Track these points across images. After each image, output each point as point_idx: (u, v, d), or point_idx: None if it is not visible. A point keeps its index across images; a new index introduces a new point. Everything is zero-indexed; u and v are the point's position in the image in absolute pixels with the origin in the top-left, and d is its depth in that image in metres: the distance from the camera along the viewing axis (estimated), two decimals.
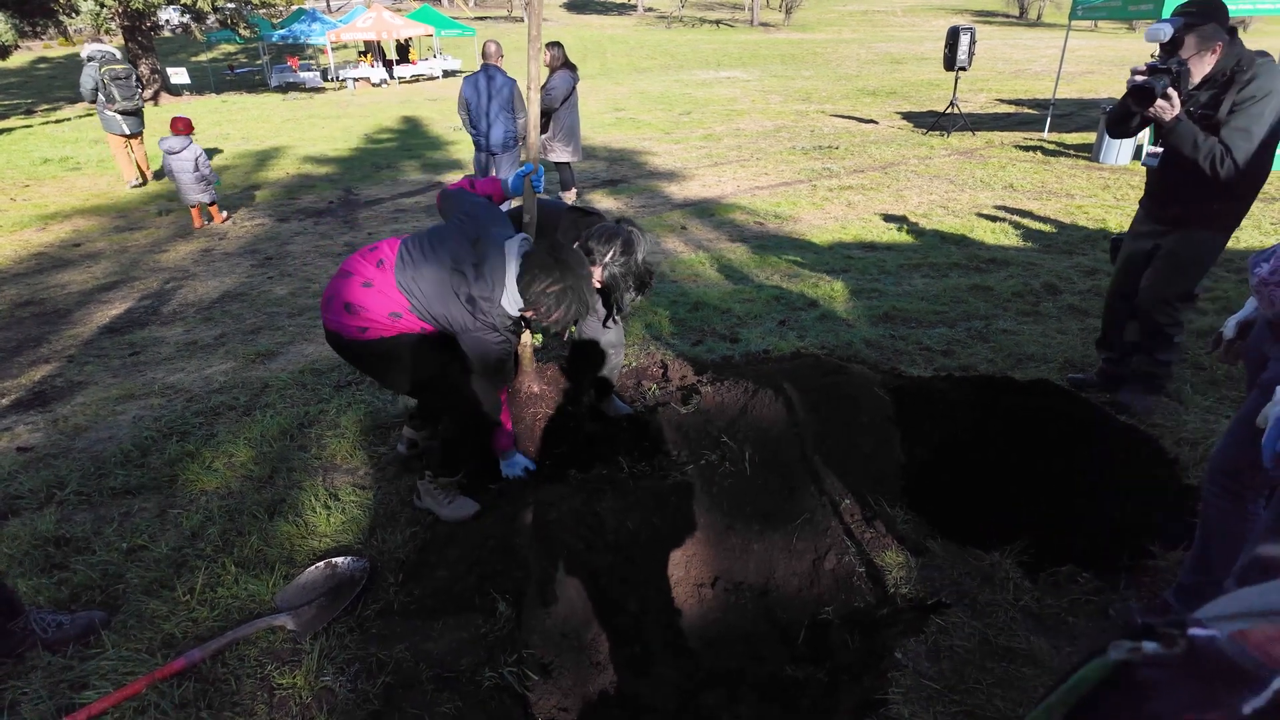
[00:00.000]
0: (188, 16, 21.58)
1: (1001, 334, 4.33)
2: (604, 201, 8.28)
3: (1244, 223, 6.44)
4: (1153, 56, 2.80)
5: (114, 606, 2.34)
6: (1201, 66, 2.82)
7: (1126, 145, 9.14)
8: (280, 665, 2.12)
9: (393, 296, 2.40)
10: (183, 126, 7.19)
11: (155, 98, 19.44)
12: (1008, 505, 2.62)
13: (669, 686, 2.31)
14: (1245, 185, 2.88)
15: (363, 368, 2.67)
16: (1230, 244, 5.88)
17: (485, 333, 2.42)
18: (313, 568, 2.42)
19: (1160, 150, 3.10)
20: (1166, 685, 0.54)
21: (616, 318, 3.13)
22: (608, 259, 2.74)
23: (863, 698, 2.05)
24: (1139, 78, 2.77)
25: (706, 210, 7.72)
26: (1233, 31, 2.79)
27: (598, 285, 2.76)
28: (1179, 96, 2.76)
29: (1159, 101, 2.76)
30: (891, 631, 2.26)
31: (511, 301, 2.40)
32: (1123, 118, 3.11)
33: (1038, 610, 2.25)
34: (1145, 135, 9.23)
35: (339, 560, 2.45)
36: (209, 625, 2.26)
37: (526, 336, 3.23)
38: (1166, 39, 2.78)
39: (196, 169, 7.16)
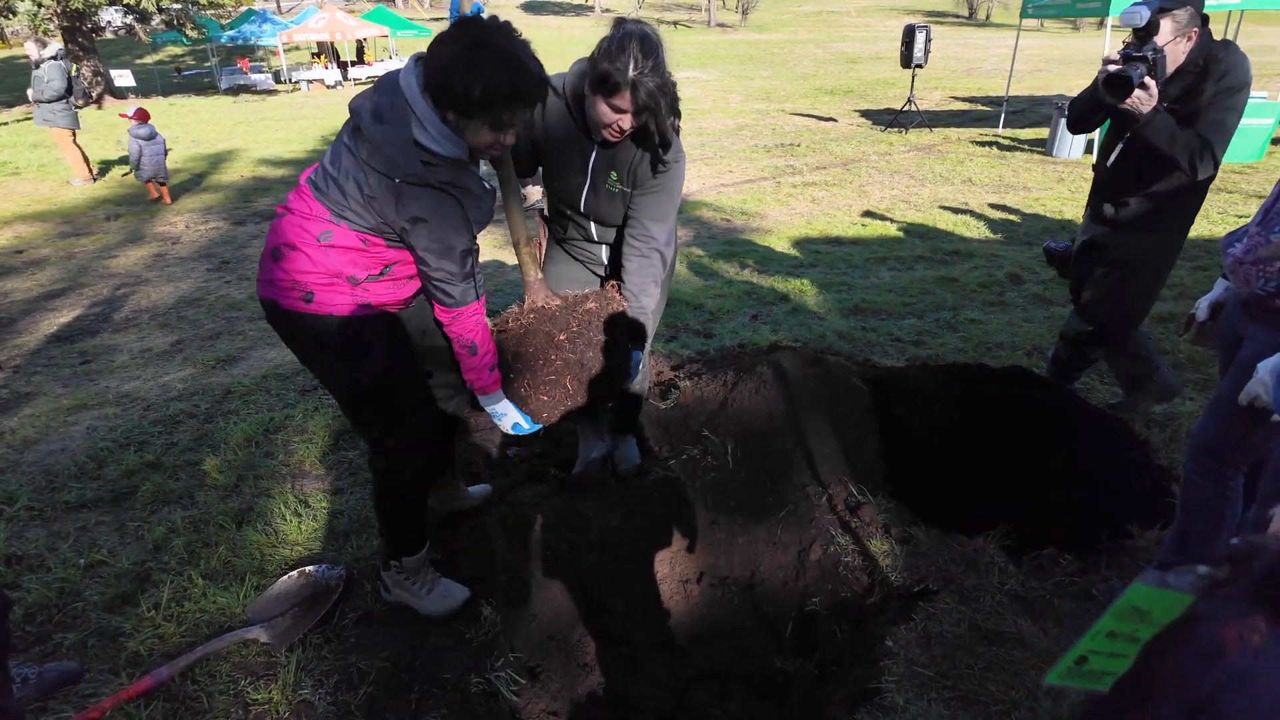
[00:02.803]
0: (131, 17, 20.91)
1: (969, 323, 4.38)
2: None
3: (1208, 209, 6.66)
4: (1125, 43, 2.60)
5: (74, 625, 2.22)
6: (1176, 55, 2.61)
7: (1079, 140, 9.37)
8: (254, 680, 2.03)
9: (314, 210, 1.78)
10: (146, 115, 8.37)
11: (99, 101, 18.78)
12: (988, 491, 2.64)
13: (658, 685, 2.28)
14: (1206, 181, 2.71)
15: (306, 355, 1.97)
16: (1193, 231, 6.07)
17: (414, 197, 1.69)
18: (285, 577, 2.33)
19: (1120, 146, 2.82)
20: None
21: (663, 163, 2.10)
22: (633, 73, 1.83)
23: (855, 688, 2.04)
24: (1113, 67, 2.55)
25: None
26: (1204, 20, 2.63)
27: (623, 123, 1.94)
28: (1156, 86, 2.53)
29: (1136, 91, 2.51)
30: (880, 620, 2.26)
31: (429, 126, 1.66)
32: (1089, 111, 2.86)
33: (1023, 593, 2.26)
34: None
35: (313, 569, 2.36)
36: (177, 641, 2.15)
37: (518, 220, 2.11)
38: (1143, 22, 2.56)
39: (164, 152, 8.49)
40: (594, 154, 2.12)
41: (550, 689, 2.18)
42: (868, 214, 7.18)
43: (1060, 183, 8.20)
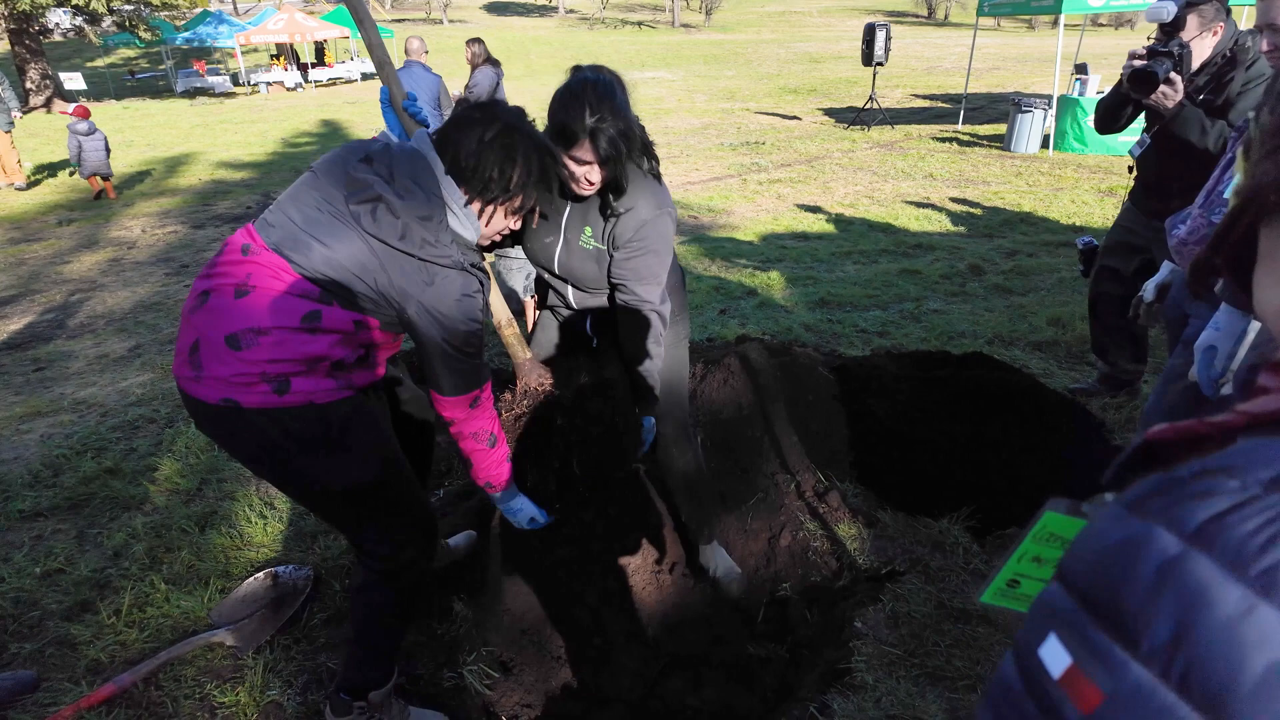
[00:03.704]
0: (81, 19, 20.37)
1: (932, 314, 4.46)
2: None
3: None
4: (1149, 39, 2.57)
5: (31, 635, 2.16)
6: (1202, 49, 2.59)
7: (1035, 135, 9.60)
8: (221, 683, 1.99)
9: (292, 285, 1.48)
10: (86, 112, 8.64)
11: (48, 104, 18.26)
12: (952, 474, 2.69)
13: (632, 675, 2.28)
14: None
15: (272, 466, 1.60)
16: None
17: (448, 283, 1.54)
18: (251, 579, 2.29)
19: (1147, 140, 2.79)
20: None
21: (617, 208, 1.88)
22: (590, 120, 1.68)
23: (826, 669, 2.06)
24: (1138, 62, 2.51)
25: None
26: (1228, 11, 2.64)
27: (591, 175, 1.77)
28: (1182, 81, 2.51)
29: (1161, 87, 2.48)
30: (849, 602, 2.29)
31: (456, 208, 1.57)
32: (1116, 107, 2.80)
33: (987, 572, 2.30)
34: (1052, 123, 9.73)
35: (280, 570, 2.32)
36: (139, 647, 2.11)
37: (498, 303, 2.10)
38: (1169, 18, 2.54)
39: (106, 148, 8.62)
40: (567, 210, 1.99)
41: (524, 682, 2.18)
42: (832, 209, 7.27)
43: (1018, 176, 8.39)
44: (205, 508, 2.73)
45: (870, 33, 11.71)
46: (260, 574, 2.31)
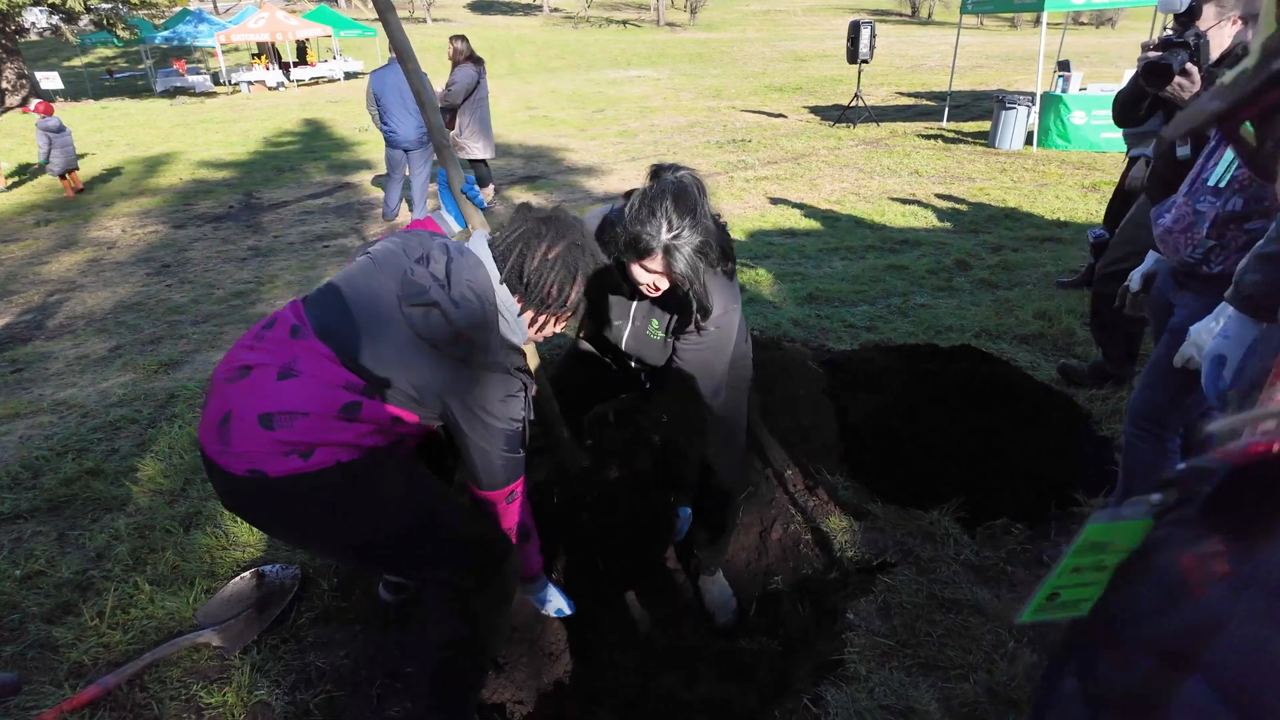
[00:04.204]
0: (57, 18, 20.09)
1: (919, 308, 4.48)
2: (524, 197, 8.14)
3: None
4: (1166, 29, 2.49)
5: (11, 638, 2.12)
6: (1221, 39, 2.49)
7: (1019, 132, 9.66)
8: (208, 683, 1.96)
9: (336, 374, 1.47)
10: (49, 109, 8.83)
11: (24, 104, 17.97)
12: (942, 466, 2.70)
13: (625, 671, 2.27)
14: None
15: (305, 531, 1.61)
16: None
17: (493, 386, 1.56)
18: (237, 579, 2.26)
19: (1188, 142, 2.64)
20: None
21: (701, 329, 1.84)
22: (666, 236, 1.61)
23: (819, 661, 2.06)
24: (1152, 54, 2.41)
25: None
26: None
27: (660, 283, 1.72)
28: (1199, 73, 2.38)
29: (1177, 79, 2.36)
30: (841, 594, 2.29)
31: (508, 315, 1.58)
32: (1133, 100, 2.75)
33: (978, 562, 2.32)
34: (1035, 120, 9.81)
35: (267, 569, 2.29)
36: (124, 649, 2.07)
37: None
38: (1183, 8, 2.47)
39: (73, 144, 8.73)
40: (635, 302, 1.97)
41: (516, 679, 2.16)
42: (819, 206, 7.29)
43: (1003, 173, 8.44)
44: (189, 508, 2.69)
45: (855, 30, 11.75)
46: (246, 573, 2.27)
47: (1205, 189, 1.96)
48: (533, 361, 1.96)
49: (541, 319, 1.65)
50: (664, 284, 1.74)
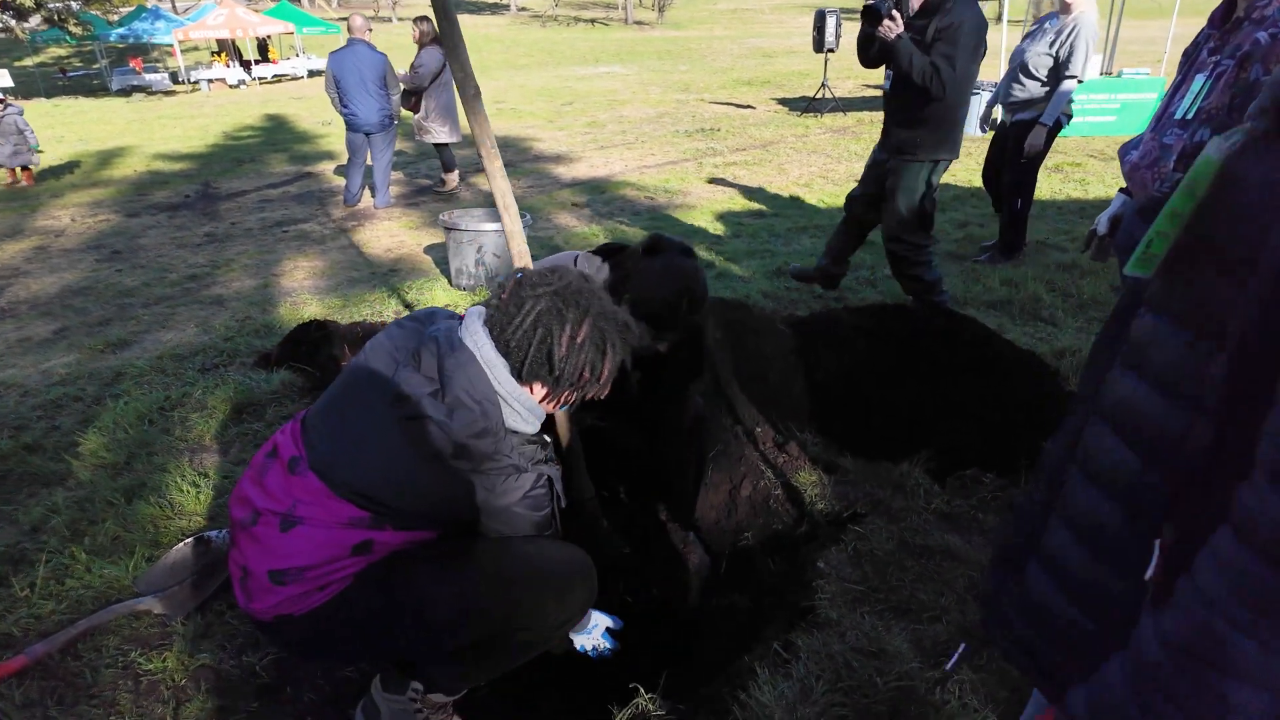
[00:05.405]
0: (7, 14, 19.50)
1: (888, 279, 4.45)
2: None
3: (1089, 178, 7.00)
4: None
5: None
6: None
7: (973, 116, 9.75)
8: (147, 650, 1.85)
9: (338, 513, 1.36)
10: None
11: None
12: (911, 419, 2.66)
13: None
14: (945, 113, 3.30)
15: (351, 648, 1.54)
16: (1079, 194, 6.35)
17: (512, 490, 1.44)
18: (180, 545, 2.14)
19: (892, 73, 3.39)
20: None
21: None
22: (690, 316, 1.80)
23: (790, 609, 2.01)
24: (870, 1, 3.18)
25: (597, 188, 7.64)
26: None
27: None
28: (902, 18, 3.16)
29: (885, 21, 3.12)
30: (812, 546, 2.24)
31: (518, 406, 1.44)
32: (864, 42, 3.44)
33: (949, 511, 2.28)
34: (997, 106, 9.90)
35: (212, 534, 2.18)
36: (56, 619, 1.95)
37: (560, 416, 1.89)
38: None
39: (18, 130, 8.47)
40: None
41: None
42: (788, 190, 7.27)
43: (967, 155, 8.48)
44: (134, 480, 2.56)
45: (821, 19, 11.78)
46: (190, 540, 2.16)
47: (1172, 122, 1.95)
48: (564, 429, 1.89)
49: (566, 395, 1.49)
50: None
